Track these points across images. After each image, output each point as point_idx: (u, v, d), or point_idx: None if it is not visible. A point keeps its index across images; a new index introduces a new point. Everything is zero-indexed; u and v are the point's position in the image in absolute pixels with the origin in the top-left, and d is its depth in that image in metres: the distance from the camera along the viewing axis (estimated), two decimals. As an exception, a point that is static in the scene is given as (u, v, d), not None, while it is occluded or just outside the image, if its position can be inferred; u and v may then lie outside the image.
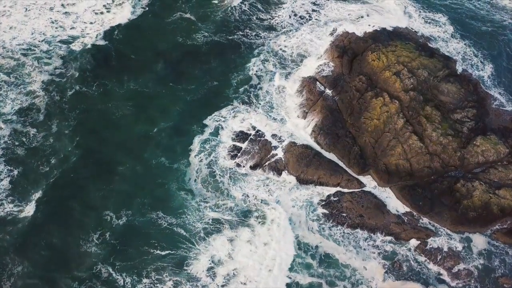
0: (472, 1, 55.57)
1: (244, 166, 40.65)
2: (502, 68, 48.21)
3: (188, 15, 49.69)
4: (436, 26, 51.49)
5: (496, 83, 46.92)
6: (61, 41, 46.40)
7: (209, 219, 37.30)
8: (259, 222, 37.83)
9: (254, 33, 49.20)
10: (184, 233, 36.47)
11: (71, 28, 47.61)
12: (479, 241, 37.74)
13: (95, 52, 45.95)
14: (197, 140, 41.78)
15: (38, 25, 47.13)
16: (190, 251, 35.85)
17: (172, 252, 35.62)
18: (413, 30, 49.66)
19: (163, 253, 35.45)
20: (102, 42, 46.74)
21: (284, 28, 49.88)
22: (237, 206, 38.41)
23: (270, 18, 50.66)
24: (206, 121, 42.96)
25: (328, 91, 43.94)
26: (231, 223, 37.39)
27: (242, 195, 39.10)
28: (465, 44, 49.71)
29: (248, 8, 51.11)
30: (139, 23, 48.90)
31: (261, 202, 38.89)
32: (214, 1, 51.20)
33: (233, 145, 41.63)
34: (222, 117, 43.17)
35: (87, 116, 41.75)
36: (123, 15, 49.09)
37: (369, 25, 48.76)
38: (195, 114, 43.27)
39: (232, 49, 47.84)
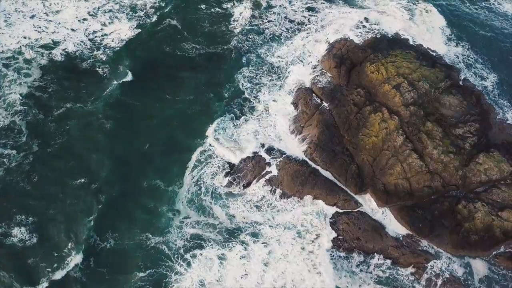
0: (469, 6, 53.22)
1: (237, 184, 38.74)
2: (506, 78, 46.15)
3: (175, 22, 46.90)
4: (436, 30, 49.35)
5: (499, 94, 45.04)
6: (43, 47, 43.62)
7: (188, 236, 35.83)
8: (252, 241, 36.30)
9: (246, 40, 46.55)
10: (167, 251, 35.25)
11: (53, 32, 44.97)
12: (481, 266, 36.37)
13: (78, 61, 43.24)
14: (194, 155, 39.84)
15: (21, 32, 44.37)
16: (173, 270, 34.49)
17: (153, 271, 34.38)
18: (413, 36, 47.33)
19: (144, 274, 34.13)
20: (87, 51, 44.03)
21: (278, 35, 47.17)
22: (221, 224, 36.89)
23: (262, 24, 47.93)
24: (199, 136, 40.81)
25: (325, 104, 41.79)
26: (217, 242, 35.84)
27: (230, 215, 37.36)
28: (466, 51, 47.69)
29: (239, 14, 48.32)
30: (133, 31, 45.99)
31: (253, 222, 37.22)
32: (200, 6, 48.31)
33: (227, 162, 39.62)
34: (215, 131, 40.92)
35: (72, 134, 39.31)
36: (113, 25, 46.26)
37: (368, 32, 46.44)
38: (188, 128, 41.22)
39: (225, 58, 45.29)
